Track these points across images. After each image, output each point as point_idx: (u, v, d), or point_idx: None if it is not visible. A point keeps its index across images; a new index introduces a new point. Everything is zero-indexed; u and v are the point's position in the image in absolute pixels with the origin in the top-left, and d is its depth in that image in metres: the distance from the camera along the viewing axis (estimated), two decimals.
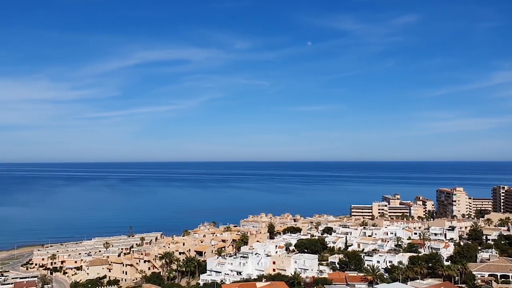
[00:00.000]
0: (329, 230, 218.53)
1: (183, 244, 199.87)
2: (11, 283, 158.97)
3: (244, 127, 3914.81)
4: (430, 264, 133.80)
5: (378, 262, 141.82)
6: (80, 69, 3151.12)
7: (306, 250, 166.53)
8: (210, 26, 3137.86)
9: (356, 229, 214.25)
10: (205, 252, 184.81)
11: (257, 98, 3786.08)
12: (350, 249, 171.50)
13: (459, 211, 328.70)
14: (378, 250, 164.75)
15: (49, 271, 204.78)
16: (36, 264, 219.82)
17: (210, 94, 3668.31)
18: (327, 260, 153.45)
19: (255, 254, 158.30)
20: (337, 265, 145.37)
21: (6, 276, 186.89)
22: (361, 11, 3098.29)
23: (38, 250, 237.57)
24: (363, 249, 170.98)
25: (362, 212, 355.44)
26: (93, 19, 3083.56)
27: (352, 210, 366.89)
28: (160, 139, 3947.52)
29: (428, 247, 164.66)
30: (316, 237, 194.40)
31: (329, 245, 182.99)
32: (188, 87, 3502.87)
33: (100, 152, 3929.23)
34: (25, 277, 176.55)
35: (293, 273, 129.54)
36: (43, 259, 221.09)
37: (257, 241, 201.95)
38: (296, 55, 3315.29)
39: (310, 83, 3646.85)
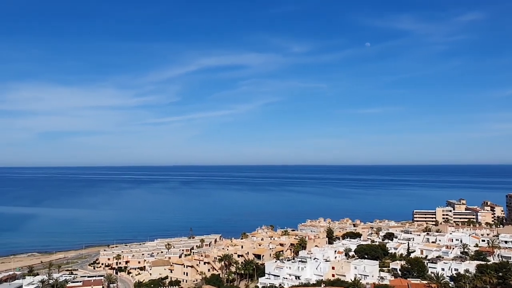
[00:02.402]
0: (390, 236, 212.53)
1: (242, 247, 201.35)
2: (80, 281, 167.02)
3: (302, 131, 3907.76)
4: (500, 274, 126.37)
5: (443, 269, 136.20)
6: (142, 77, 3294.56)
7: (366, 256, 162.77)
8: (266, 31, 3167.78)
9: (419, 235, 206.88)
10: (263, 256, 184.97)
11: (314, 101, 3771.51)
12: (412, 255, 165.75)
13: None
14: (443, 257, 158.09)
15: (114, 271, 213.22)
16: (102, 264, 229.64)
17: (267, 98, 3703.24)
18: (389, 267, 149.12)
19: (314, 259, 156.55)
20: (399, 272, 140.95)
21: (75, 274, 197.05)
22: (421, 10, 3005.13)
23: (104, 250, 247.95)
24: (426, 256, 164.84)
25: (425, 218, 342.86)
26: (155, 28, 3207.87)
27: (415, 216, 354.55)
28: (219, 143, 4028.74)
29: (498, 255, 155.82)
30: (377, 243, 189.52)
31: (390, 251, 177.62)
32: (245, 91, 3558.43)
33: (162, 156, 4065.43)
34: (93, 276, 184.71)
35: (352, 279, 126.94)
36: (108, 259, 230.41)
37: (316, 245, 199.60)
38: (355, 56, 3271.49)
39: (369, 85, 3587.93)
